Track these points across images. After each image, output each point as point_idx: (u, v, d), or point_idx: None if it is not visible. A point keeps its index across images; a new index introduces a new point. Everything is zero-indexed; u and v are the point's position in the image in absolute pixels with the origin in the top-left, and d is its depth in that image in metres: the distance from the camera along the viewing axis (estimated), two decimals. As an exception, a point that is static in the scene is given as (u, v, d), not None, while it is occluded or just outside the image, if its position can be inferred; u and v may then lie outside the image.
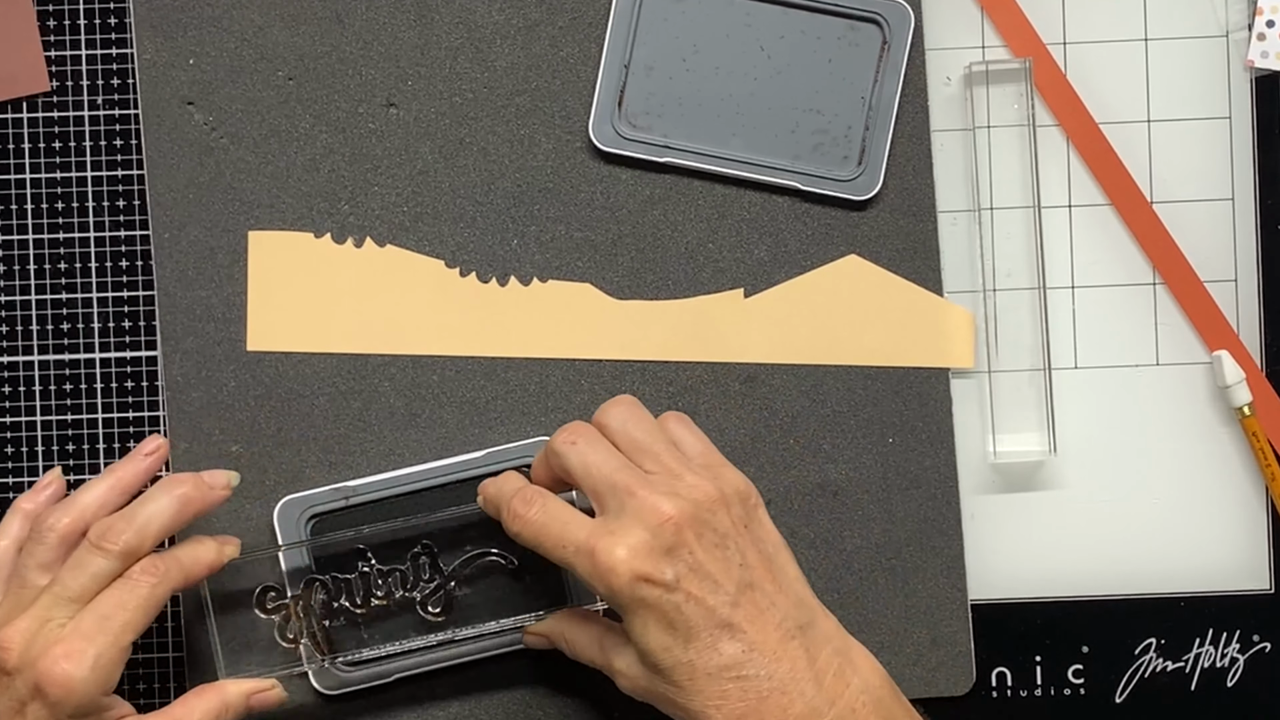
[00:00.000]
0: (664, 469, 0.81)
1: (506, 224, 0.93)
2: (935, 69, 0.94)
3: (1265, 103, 0.94)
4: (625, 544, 0.78)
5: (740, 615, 0.78)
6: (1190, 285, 0.94)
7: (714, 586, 0.78)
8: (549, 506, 0.81)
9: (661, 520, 0.78)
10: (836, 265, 0.93)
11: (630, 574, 0.78)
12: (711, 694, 0.78)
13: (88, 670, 0.79)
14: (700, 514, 0.79)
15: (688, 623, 0.78)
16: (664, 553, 0.78)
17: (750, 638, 0.78)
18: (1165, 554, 0.94)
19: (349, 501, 0.90)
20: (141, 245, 0.93)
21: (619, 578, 0.78)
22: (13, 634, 0.80)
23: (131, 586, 0.81)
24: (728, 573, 0.79)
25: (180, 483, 0.84)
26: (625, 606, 0.78)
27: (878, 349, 0.93)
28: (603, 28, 0.92)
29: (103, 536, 0.82)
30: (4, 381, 0.93)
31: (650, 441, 0.82)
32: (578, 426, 0.83)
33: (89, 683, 0.79)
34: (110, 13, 0.93)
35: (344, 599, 0.88)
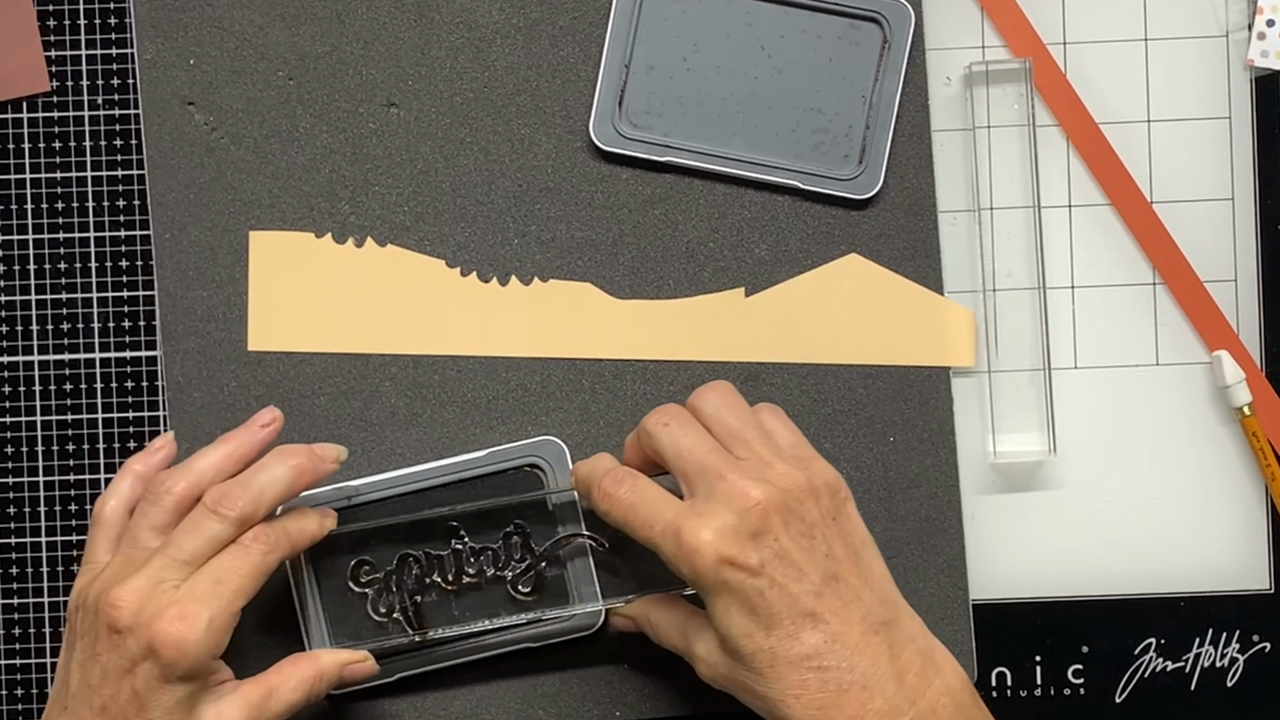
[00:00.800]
0: (755, 456, 0.81)
1: (507, 223, 0.93)
2: (935, 69, 0.94)
3: (1265, 103, 0.94)
4: (712, 526, 0.78)
5: (823, 605, 0.78)
6: (1190, 285, 0.94)
7: (798, 575, 0.78)
8: (639, 486, 0.82)
9: (749, 505, 0.78)
10: (837, 264, 0.93)
11: (715, 556, 0.78)
12: (791, 682, 0.78)
13: (201, 633, 0.80)
14: (788, 502, 0.79)
15: (770, 609, 0.78)
16: (750, 537, 0.78)
17: (832, 629, 0.78)
18: (1165, 554, 0.94)
19: (351, 501, 0.90)
20: (141, 245, 0.93)
21: (704, 559, 0.78)
22: (126, 593, 0.80)
23: (245, 552, 0.82)
24: (813, 562, 0.79)
25: (294, 454, 0.85)
26: (708, 589, 0.78)
27: (879, 348, 0.93)
28: (603, 27, 0.92)
29: (219, 502, 0.82)
30: (4, 381, 0.93)
31: (742, 428, 0.82)
32: (671, 409, 0.83)
33: (202, 645, 0.80)
34: (110, 13, 0.93)
35: (436, 575, 0.89)
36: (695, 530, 0.78)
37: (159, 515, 0.84)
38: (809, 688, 0.77)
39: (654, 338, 0.93)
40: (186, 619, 0.79)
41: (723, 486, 0.79)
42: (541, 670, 0.92)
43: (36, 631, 0.93)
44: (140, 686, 0.80)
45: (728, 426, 0.83)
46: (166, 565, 0.81)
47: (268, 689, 0.84)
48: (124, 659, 0.80)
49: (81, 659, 0.82)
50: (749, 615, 0.78)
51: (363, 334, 0.93)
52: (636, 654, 0.92)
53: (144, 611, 0.80)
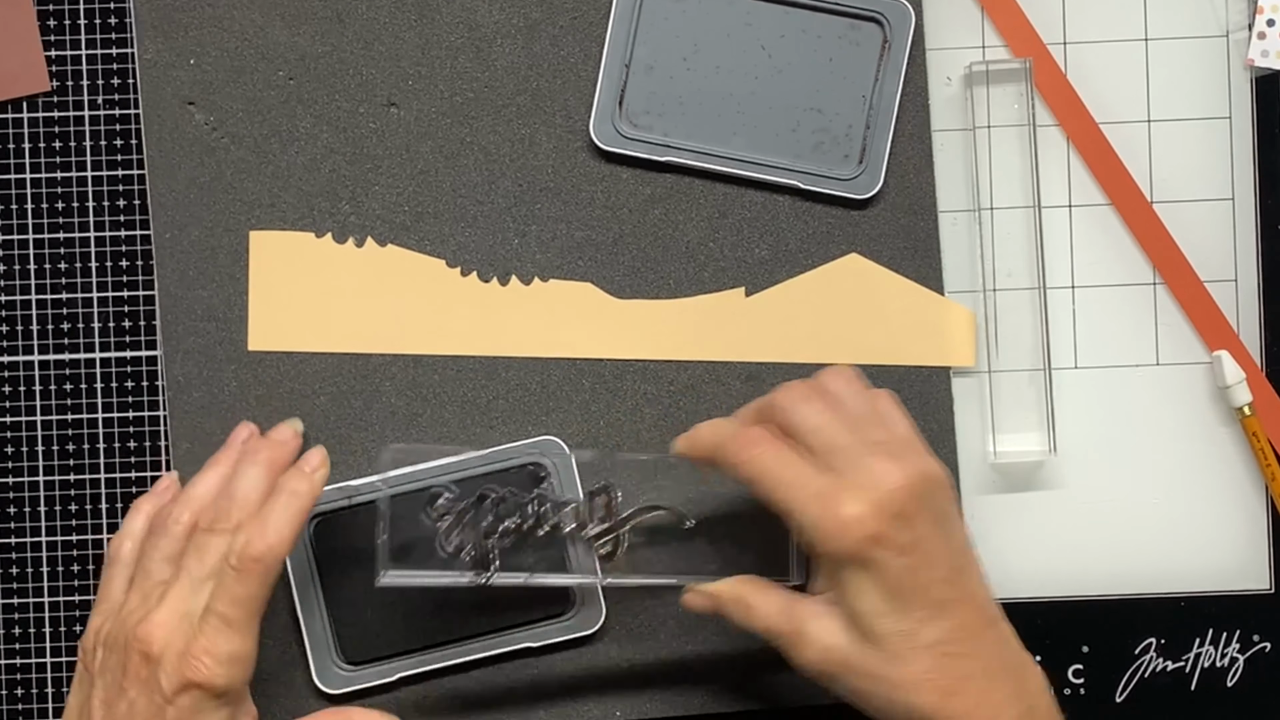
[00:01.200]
0: (892, 438, 0.81)
1: (507, 223, 0.93)
2: (935, 69, 0.94)
3: (1265, 103, 0.94)
4: (866, 499, 0.77)
5: (952, 594, 0.79)
6: (1190, 285, 0.94)
7: (933, 561, 0.78)
8: (782, 450, 0.80)
9: (894, 486, 0.78)
10: (838, 264, 0.93)
11: (866, 531, 0.77)
12: (925, 667, 0.78)
13: (225, 667, 0.81)
14: (926, 488, 0.79)
15: (910, 590, 0.78)
16: (896, 516, 0.78)
17: (960, 618, 0.79)
18: (1165, 554, 0.94)
19: (351, 501, 0.90)
20: (142, 245, 0.93)
21: (854, 533, 0.77)
22: (153, 628, 0.81)
23: (245, 579, 0.82)
24: (944, 551, 0.79)
25: (258, 449, 0.87)
26: (850, 563, 0.78)
27: (879, 348, 0.93)
28: (603, 27, 0.92)
29: (214, 520, 0.84)
30: (4, 381, 0.93)
31: (870, 414, 0.82)
32: (801, 386, 0.83)
33: (231, 677, 0.81)
34: (110, 13, 0.93)
35: (515, 519, 0.86)
36: (849, 502, 0.77)
37: (169, 545, 0.85)
38: (941, 673, 0.78)
39: (654, 338, 0.93)
40: (211, 654, 0.80)
41: (866, 464, 0.78)
42: (542, 670, 0.92)
43: (36, 631, 0.93)
44: (175, 717, 0.80)
45: (855, 411, 0.82)
46: (188, 592, 0.82)
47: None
48: (156, 694, 0.81)
49: (105, 696, 0.82)
50: (887, 595, 0.78)
51: (363, 334, 0.93)
52: (636, 654, 0.92)
53: (174, 644, 0.81)
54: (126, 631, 0.82)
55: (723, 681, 0.92)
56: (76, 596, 0.93)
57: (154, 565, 0.84)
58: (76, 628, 0.93)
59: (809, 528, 0.78)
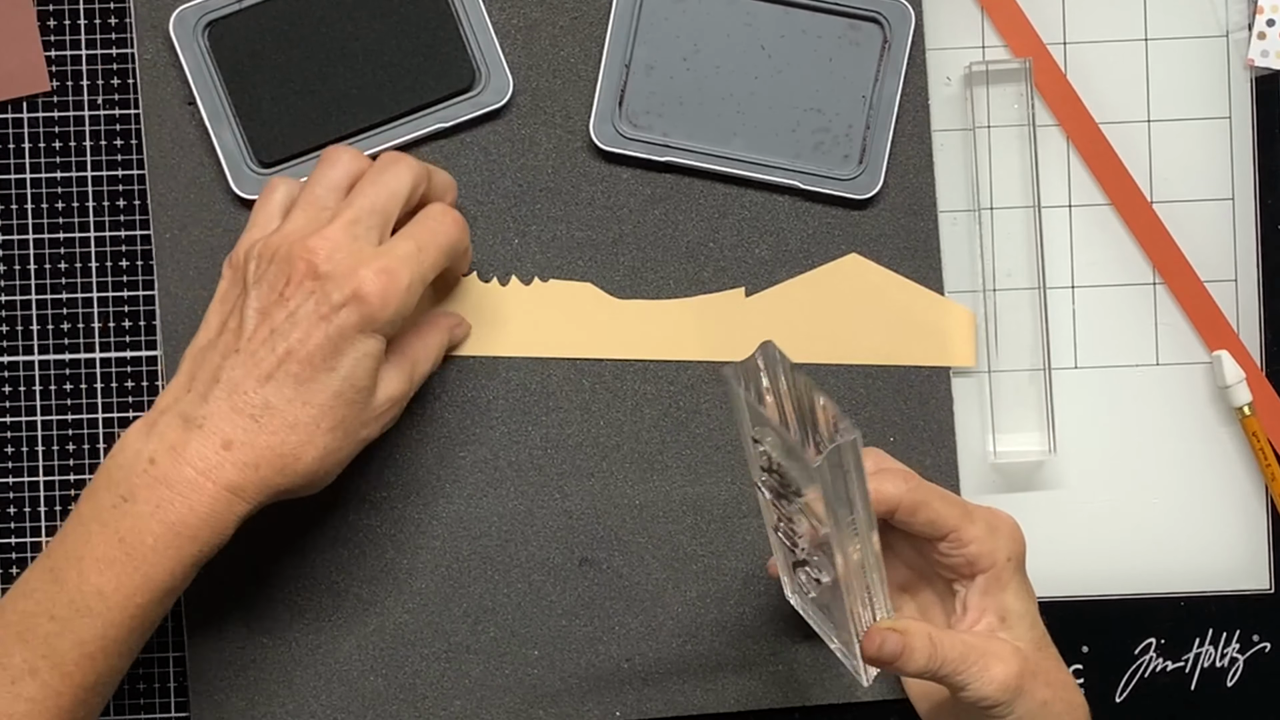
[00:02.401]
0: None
1: (507, 223, 0.93)
2: (935, 69, 0.94)
3: (1265, 103, 0.94)
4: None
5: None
6: (1190, 285, 0.94)
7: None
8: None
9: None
10: (838, 264, 0.93)
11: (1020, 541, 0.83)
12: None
13: (404, 290, 0.81)
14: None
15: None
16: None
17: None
18: (1165, 554, 0.94)
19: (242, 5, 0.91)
20: (142, 245, 0.93)
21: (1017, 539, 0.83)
22: (324, 242, 0.81)
23: (441, 226, 0.83)
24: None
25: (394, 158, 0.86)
26: (1006, 574, 0.82)
27: (879, 348, 0.93)
28: (603, 27, 0.92)
29: (395, 159, 0.84)
30: (4, 381, 0.93)
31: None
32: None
33: (404, 302, 0.81)
34: (110, 13, 0.93)
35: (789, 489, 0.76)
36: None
37: (338, 175, 0.85)
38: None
39: (655, 338, 0.93)
40: (390, 273, 0.81)
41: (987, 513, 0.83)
42: (542, 671, 0.92)
43: (36, 631, 0.93)
44: (335, 333, 0.80)
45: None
46: (358, 217, 0.82)
47: (411, 362, 0.86)
48: (322, 304, 0.80)
49: (261, 305, 0.81)
50: (1030, 594, 0.83)
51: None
52: (637, 654, 0.92)
53: (346, 260, 0.81)
54: (291, 243, 0.81)
55: (723, 681, 0.92)
56: (76, 596, 0.93)
57: (322, 191, 0.84)
58: (76, 628, 0.93)
59: (971, 545, 0.81)
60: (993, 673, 0.78)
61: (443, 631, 0.92)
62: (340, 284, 0.80)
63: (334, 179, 0.84)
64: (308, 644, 0.92)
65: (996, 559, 0.80)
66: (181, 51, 0.91)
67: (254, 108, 0.91)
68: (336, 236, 0.81)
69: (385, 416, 0.85)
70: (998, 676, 0.78)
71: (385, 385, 0.84)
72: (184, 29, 0.91)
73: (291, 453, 0.80)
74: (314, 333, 0.80)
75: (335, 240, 0.81)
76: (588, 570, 0.92)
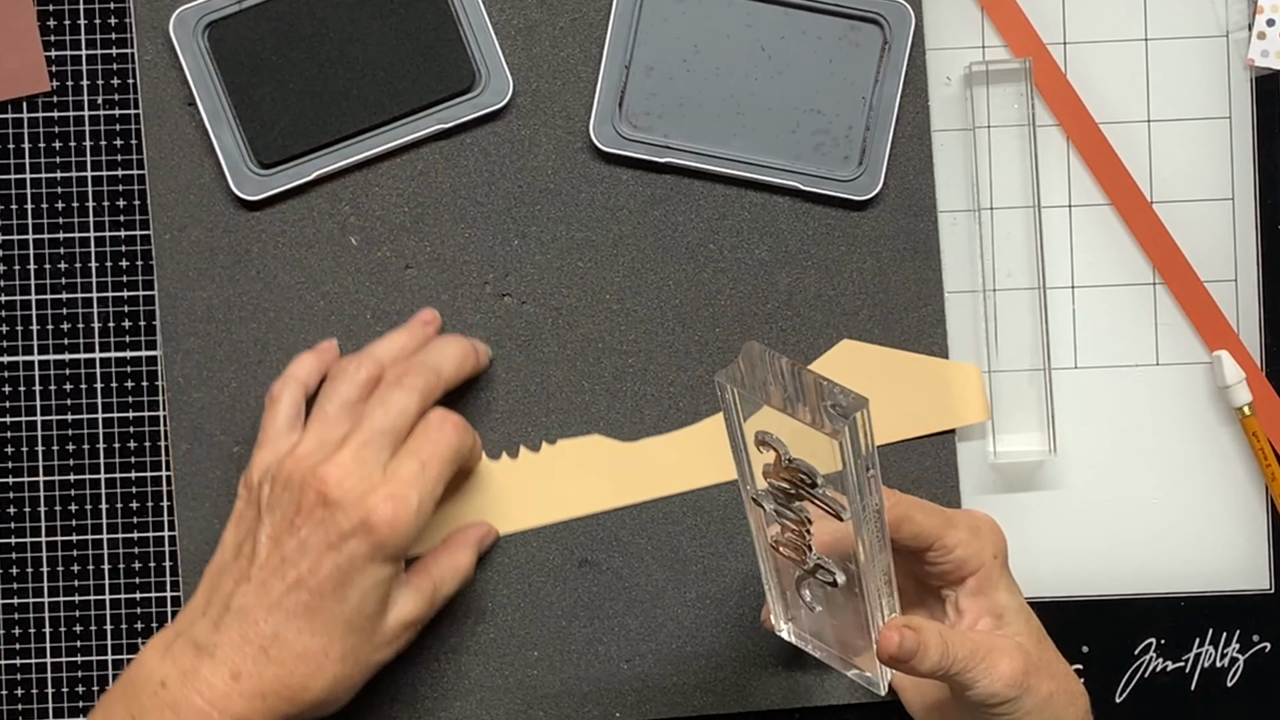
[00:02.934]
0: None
1: (507, 224, 0.93)
2: (935, 69, 0.94)
3: (1265, 103, 0.94)
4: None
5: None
6: (1190, 285, 0.94)
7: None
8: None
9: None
10: (832, 353, 0.92)
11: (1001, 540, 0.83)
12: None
13: (413, 514, 0.82)
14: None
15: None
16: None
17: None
18: (1165, 554, 0.94)
19: (242, 6, 0.91)
20: (141, 245, 0.93)
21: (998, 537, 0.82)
22: (335, 469, 0.82)
23: (443, 437, 0.84)
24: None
25: (459, 338, 0.89)
26: (1004, 570, 0.82)
27: (893, 426, 0.92)
28: (603, 28, 0.92)
29: (402, 374, 0.85)
30: (4, 381, 0.93)
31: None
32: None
33: (412, 526, 0.82)
34: (110, 13, 0.93)
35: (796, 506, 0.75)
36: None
37: (350, 391, 0.85)
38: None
39: (672, 470, 0.92)
40: (398, 499, 0.81)
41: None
42: (541, 672, 0.92)
43: (36, 631, 0.93)
44: (344, 562, 0.81)
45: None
46: (368, 440, 0.83)
47: (433, 583, 0.87)
48: (331, 533, 0.81)
49: (274, 532, 0.82)
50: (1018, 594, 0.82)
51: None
52: (637, 654, 0.92)
53: (355, 488, 0.81)
54: (304, 470, 0.82)
55: (723, 682, 0.92)
56: (76, 596, 0.93)
57: (333, 409, 0.85)
58: (76, 627, 0.93)
59: (958, 549, 0.80)
60: (1000, 669, 0.78)
61: (442, 631, 0.92)
62: (349, 512, 0.81)
63: (345, 395, 0.85)
64: (308, 644, 0.92)
65: (984, 559, 0.81)
66: (181, 52, 0.91)
67: (254, 108, 0.91)
68: (346, 463, 0.82)
69: (399, 641, 0.86)
70: (1005, 672, 0.78)
71: (400, 609, 0.85)
72: (184, 29, 0.91)
73: (300, 684, 0.82)
74: (323, 562, 0.81)
75: (345, 467, 0.82)
76: (587, 571, 0.92)
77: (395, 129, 0.92)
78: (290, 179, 0.92)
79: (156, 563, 0.93)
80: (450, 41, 0.91)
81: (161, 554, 0.93)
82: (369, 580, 0.82)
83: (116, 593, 0.89)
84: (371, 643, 0.83)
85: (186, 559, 0.92)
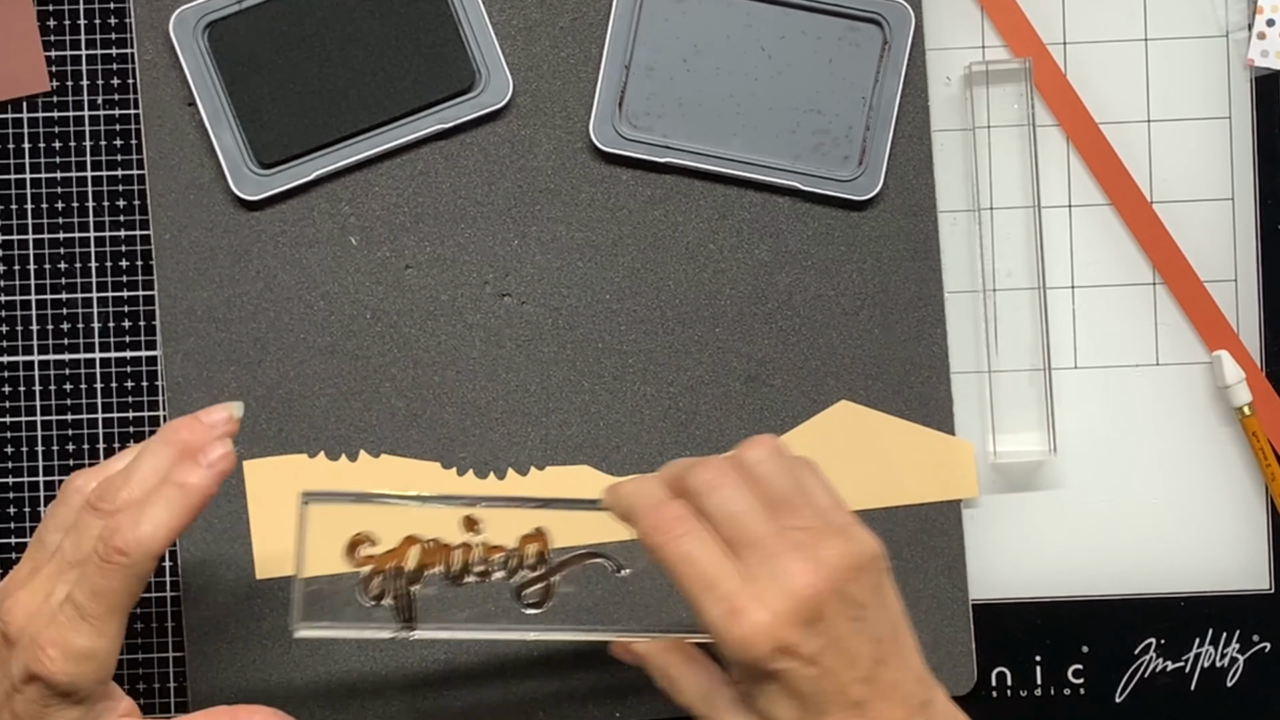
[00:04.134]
0: (806, 528, 0.75)
1: (507, 224, 0.93)
2: (935, 69, 0.94)
3: (1265, 103, 0.94)
4: (770, 609, 0.73)
5: (870, 693, 0.74)
6: (1190, 285, 0.94)
7: (849, 662, 0.74)
8: (695, 539, 0.75)
9: (806, 590, 0.73)
10: (829, 413, 0.92)
11: (772, 644, 0.73)
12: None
13: (74, 665, 0.75)
14: (841, 583, 0.74)
15: (820, 698, 0.73)
16: (806, 624, 0.73)
17: (879, 714, 0.74)
18: (1165, 554, 0.94)
19: (243, 6, 0.91)
20: (141, 245, 0.93)
21: (759, 645, 0.73)
22: (14, 607, 0.77)
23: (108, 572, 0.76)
24: (862, 648, 0.74)
25: (177, 429, 0.79)
26: (758, 676, 0.74)
27: (880, 492, 0.92)
28: (603, 28, 0.92)
29: (100, 497, 0.78)
30: (4, 381, 0.93)
31: (791, 493, 0.76)
32: (717, 466, 0.77)
33: (77, 676, 0.76)
34: (110, 13, 0.93)
35: (440, 566, 0.82)
36: (755, 610, 0.73)
37: (65, 514, 0.79)
38: None
39: None
40: (59, 646, 0.75)
41: (778, 565, 0.74)
42: (541, 672, 0.92)
43: (37, 632, 0.93)
44: (20, 711, 0.77)
45: (776, 490, 0.76)
46: (56, 573, 0.77)
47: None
48: (13, 677, 0.77)
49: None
50: (798, 704, 0.74)
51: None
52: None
53: (28, 629, 0.76)
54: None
55: (723, 682, 0.92)
56: (77, 597, 0.93)
57: (48, 534, 0.79)
58: (77, 628, 0.93)
59: (716, 630, 0.74)
60: None
61: (443, 632, 0.92)
62: (21, 657, 0.76)
63: (61, 518, 0.79)
64: (308, 644, 0.92)
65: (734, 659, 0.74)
66: (181, 52, 0.91)
67: (254, 108, 0.91)
68: (25, 599, 0.77)
69: None
70: None
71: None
72: (184, 30, 0.91)
73: None
74: (13, 705, 0.77)
75: (24, 604, 0.77)
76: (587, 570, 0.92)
77: (395, 129, 0.92)
78: (290, 179, 0.92)
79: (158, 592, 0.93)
80: (450, 41, 0.91)
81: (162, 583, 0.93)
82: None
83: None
84: None
85: (186, 559, 0.92)
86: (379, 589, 0.82)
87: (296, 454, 0.91)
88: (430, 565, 0.83)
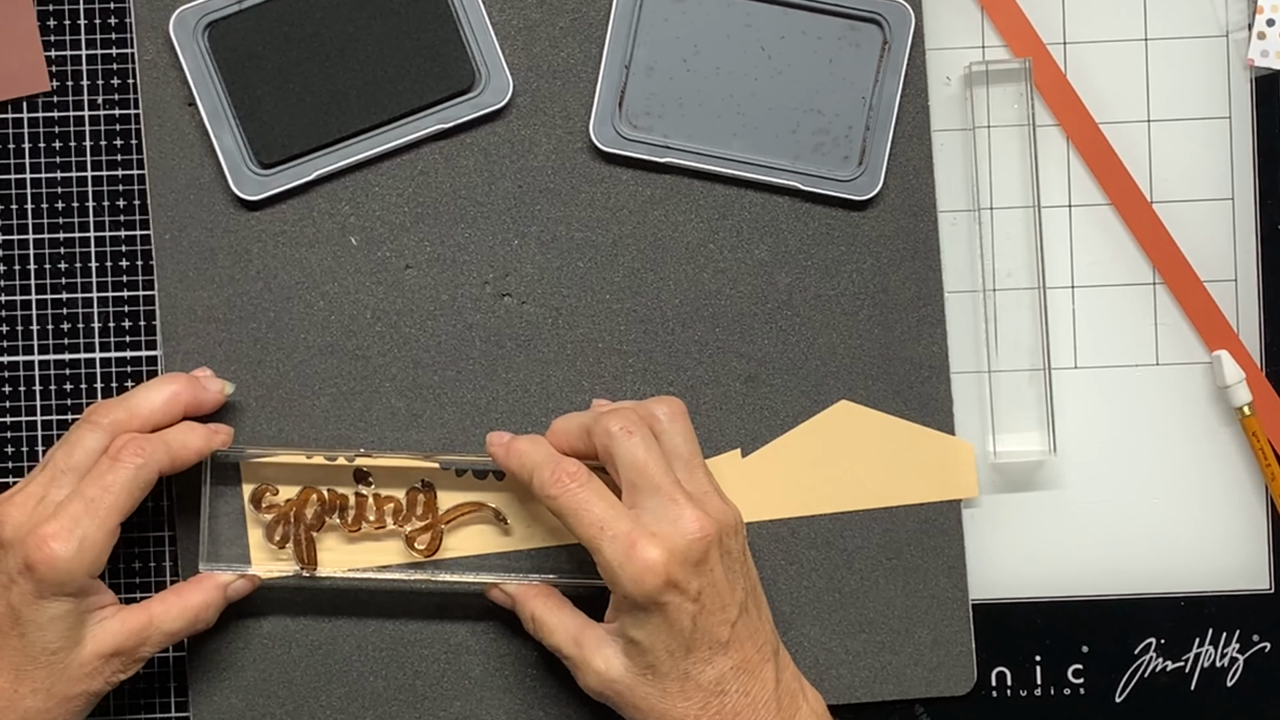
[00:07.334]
0: (698, 485, 0.85)
1: (507, 224, 0.93)
2: (935, 69, 0.94)
3: (1265, 103, 0.94)
4: (665, 547, 0.82)
5: (735, 634, 0.84)
6: (1190, 285, 0.94)
7: (723, 605, 0.83)
8: (594, 486, 0.84)
9: (698, 534, 0.83)
10: (829, 413, 0.93)
11: (664, 578, 0.82)
12: (698, 703, 0.84)
13: (73, 551, 0.82)
14: (723, 535, 0.84)
15: (695, 633, 0.83)
16: (693, 564, 0.83)
17: (738, 656, 0.84)
18: (1165, 554, 0.94)
19: (243, 6, 0.91)
20: (141, 245, 0.93)
21: (652, 579, 0.82)
22: (9, 508, 0.83)
23: (117, 468, 0.83)
24: (733, 594, 0.84)
25: (175, 378, 0.88)
26: (645, 606, 0.82)
27: (880, 492, 0.92)
28: (603, 28, 0.92)
29: (94, 411, 0.86)
30: (4, 381, 0.93)
31: (690, 455, 0.86)
32: (630, 415, 0.85)
33: (74, 563, 0.82)
34: (110, 13, 0.93)
35: (336, 515, 0.91)
36: (648, 548, 0.82)
37: (78, 452, 0.85)
38: (708, 709, 0.84)
39: None
40: (59, 537, 0.82)
41: (674, 511, 0.83)
42: (542, 672, 0.92)
43: (37, 631, 0.93)
44: (15, 601, 0.82)
45: (677, 449, 0.86)
46: (49, 479, 0.84)
47: (148, 616, 0.86)
48: (3, 573, 0.82)
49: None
50: (674, 636, 0.83)
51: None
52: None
53: (23, 527, 0.82)
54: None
55: (722, 682, 0.92)
56: (77, 597, 0.93)
57: (56, 455, 0.85)
58: (77, 628, 0.93)
59: (611, 568, 0.82)
60: (583, 675, 0.87)
61: (443, 631, 0.92)
62: (14, 552, 0.82)
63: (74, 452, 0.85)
64: (308, 644, 0.92)
65: (625, 591, 0.83)
66: (181, 52, 0.91)
67: (254, 108, 0.91)
68: (20, 501, 0.83)
69: (105, 671, 0.85)
70: (587, 680, 0.87)
71: (97, 641, 0.85)
72: (184, 29, 0.91)
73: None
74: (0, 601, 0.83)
75: (18, 505, 0.83)
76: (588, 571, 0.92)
77: (395, 129, 0.92)
78: (290, 179, 0.92)
79: (156, 563, 0.93)
80: (450, 41, 0.91)
81: (161, 554, 0.93)
82: (43, 616, 0.82)
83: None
84: (65, 676, 0.83)
85: (185, 558, 0.92)
86: (282, 535, 0.90)
87: (296, 453, 0.91)
88: (328, 514, 0.91)
